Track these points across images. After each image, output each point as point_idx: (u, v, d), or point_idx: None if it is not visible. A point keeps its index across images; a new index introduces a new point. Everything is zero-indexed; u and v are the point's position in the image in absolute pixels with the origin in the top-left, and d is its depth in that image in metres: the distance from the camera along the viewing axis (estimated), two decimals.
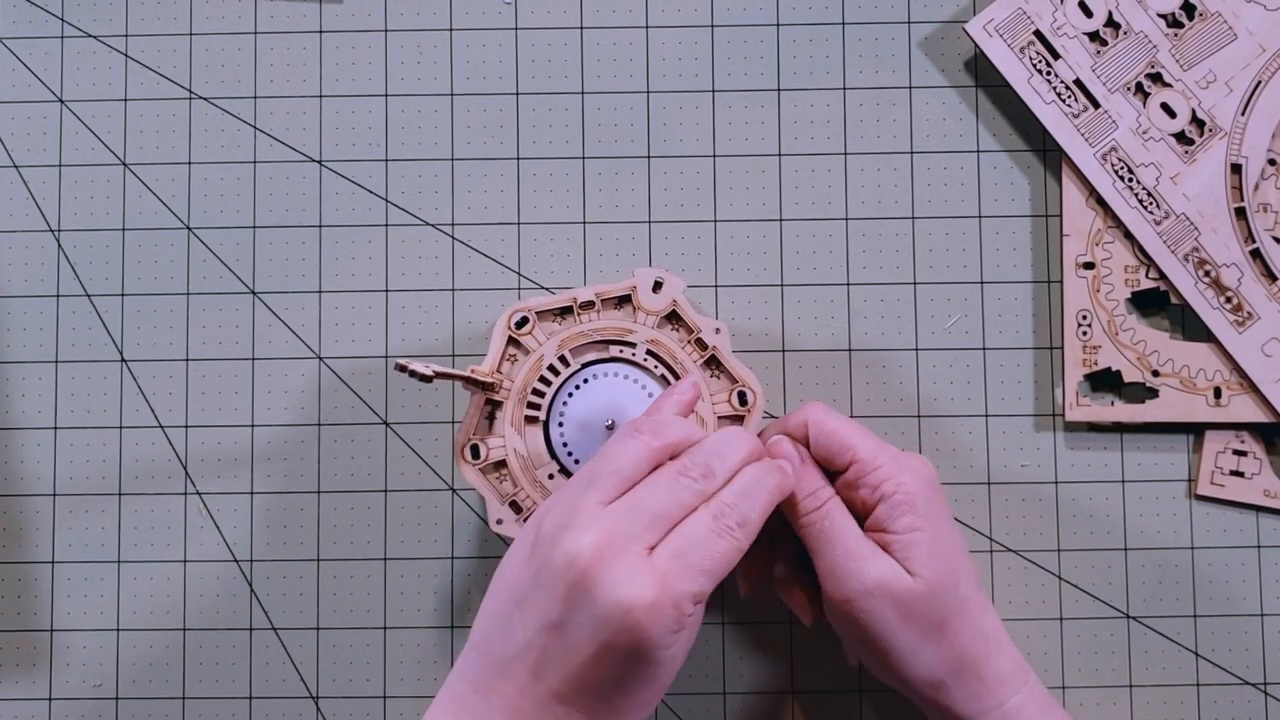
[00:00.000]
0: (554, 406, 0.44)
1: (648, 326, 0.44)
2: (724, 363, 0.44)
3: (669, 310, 0.44)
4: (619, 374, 0.44)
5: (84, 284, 0.52)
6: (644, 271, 0.45)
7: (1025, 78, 0.51)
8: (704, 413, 0.44)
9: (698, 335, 0.44)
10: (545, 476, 0.44)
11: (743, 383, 0.44)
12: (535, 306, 0.44)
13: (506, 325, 0.44)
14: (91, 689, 0.51)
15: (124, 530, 0.52)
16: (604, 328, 0.44)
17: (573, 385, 0.44)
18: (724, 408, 0.44)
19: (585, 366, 0.44)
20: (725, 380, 0.44)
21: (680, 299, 0.44)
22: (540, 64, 0.53)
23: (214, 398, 0.52)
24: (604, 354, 0.44)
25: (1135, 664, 0.51)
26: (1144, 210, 0.50)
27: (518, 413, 0.44)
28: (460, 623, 0.51)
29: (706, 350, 0.44)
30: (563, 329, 0.44)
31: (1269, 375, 0.50)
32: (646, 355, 0.44)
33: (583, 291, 0.44)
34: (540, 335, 0.44)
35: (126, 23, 0.53)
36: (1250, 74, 0.50)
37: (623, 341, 0.44)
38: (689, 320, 0.44)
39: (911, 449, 0.51)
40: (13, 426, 0.52)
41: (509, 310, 0.44)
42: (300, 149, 0.53)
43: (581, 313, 0.44)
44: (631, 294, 0.45)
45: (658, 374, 0.44)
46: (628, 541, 0.37)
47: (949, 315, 0.52)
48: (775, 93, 0.53)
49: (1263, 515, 0.51)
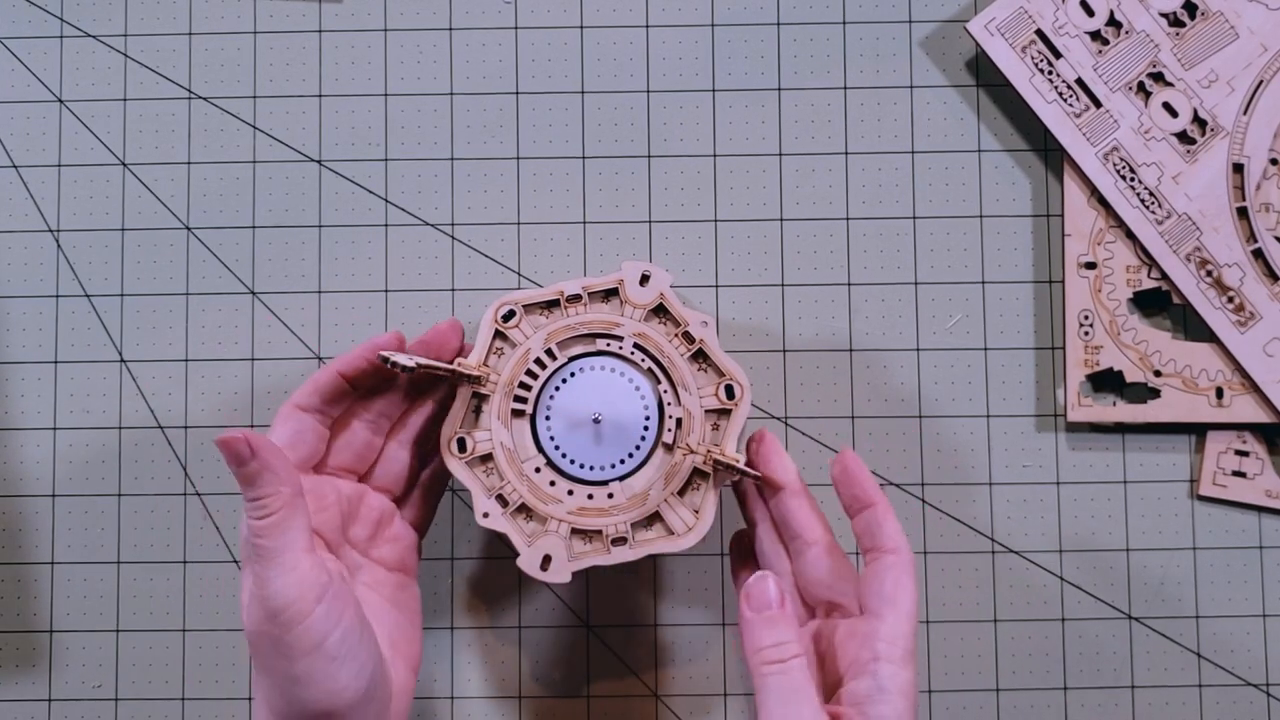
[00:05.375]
0: (540, 400, 0.44)
1: (635, 320, 0.44)
2: (711, 356, 0.44)
3: (656, 304, 0.44)
4: (606, 367, 0.44)
5: (83, 284, 0.52)
6: (631, 265, 0.45)
7: (1027, 77, 0.51)
8: (691, 406, 0.44)
9: (685, 328, 0.44)
10: (532, 470, 0.44)
11: (730, 376, 0.44)
12: (522, 300, 0.44)
13: (493, 318, 0.44)
14: (91, 689, 0.51)
15: (124, 530, 0.52)
16: (591, 321, 0.44)
17: (559, 379, 0.44)
18: (711, 401, 0.44)
19: (572, 360, 0.44)
20: (713, 374, 0.44)
21: (667, 292, 0.44)
22: (540, 64, 0.53)
23: (213, 398, 0.52)
24: (591, 347, 0.44)
25: (1137, 665, 0.50)
26: (1146, 210, 0.50)
27: (504, 406, 0.44)
28: (460, 624, 0.51)
29: (694, 343, 0.44)
30: (550, 322, 0.44)
31: (1271, 375, 0.50)
32: (634, 349, 0.44)
33: (569, 284, 0.44)
34: (527, 329, 0.44)
35: (126, 22, 0.53)
36: (1252, 73, 0.50)
37: (610, 335, 0.44)
38: (676, 313, 0.44)
39: (913, 449, 0.51)
40: (13, 427, 0.52)
41: (496, 303, 0.44)
42: (300, 149, 0.53)
43: (568, 306, 0.44)
44: (619, 287, 0.45)
45: (645, 367, 0.44)
46: None
47: (950, 315, 0.52)
48: (775, 92, 0.53)
49: (1265, 516, 0.51)
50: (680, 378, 0.44)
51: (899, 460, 0.51)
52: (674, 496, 0.43)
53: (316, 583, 0.38)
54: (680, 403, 0.44)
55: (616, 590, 0.51)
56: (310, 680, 0.38)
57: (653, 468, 0.44)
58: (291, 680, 0.38)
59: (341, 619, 0.38)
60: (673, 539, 0.43)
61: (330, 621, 0.38)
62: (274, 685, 0.38)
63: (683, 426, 0.44)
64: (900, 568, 0.40)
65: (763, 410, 0.51)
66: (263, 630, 0.37)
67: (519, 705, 0.51)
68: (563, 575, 0.43)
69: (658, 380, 0.44)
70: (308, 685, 0.38)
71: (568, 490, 0.44)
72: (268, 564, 0.37)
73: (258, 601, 0.38)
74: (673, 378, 0.44)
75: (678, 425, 0.44)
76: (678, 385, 0.44)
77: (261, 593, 0.37)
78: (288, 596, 0.37)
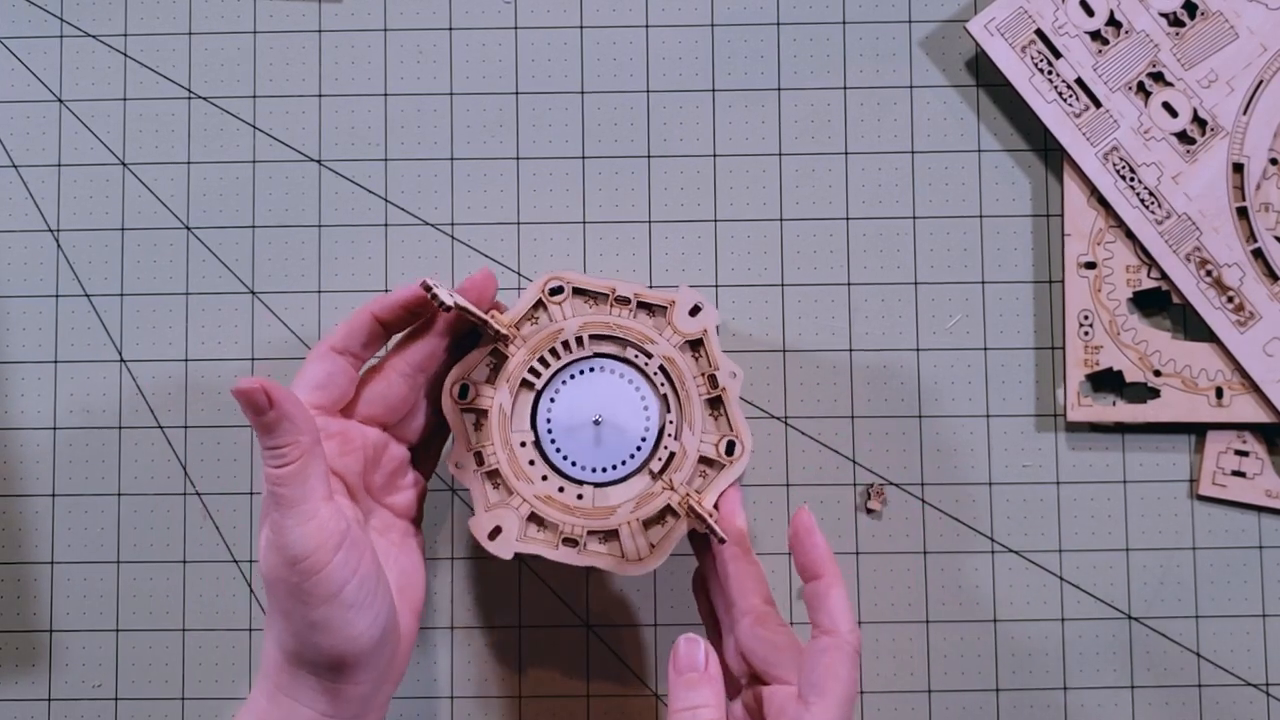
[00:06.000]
0: (553, 381, 0.44)
1: (670, 343, 0.44)
2: (727, 408, 0.44)
3: (696, 337, 0.44)
4: (625, 376, 0.44)
5: (83, 284, 0.52)
6: (688, 291, 0.44)
7: (1026, 77, 0.51)
8: (689, 446, 0.44)
9: (714, 371, 0.44)
10: (518, 443, 0.44)
11: (737, 434, 0.44)
12: (574, 281, 0.44)
13: (541, 288, 0.44)
14: (91, 689, 0.51)
15: (124, 530, 0.52)
16: (629, 328, 0.44)
17: (578, 368, 0.44)
18: (710, 450, 0.44)
19: (596, 356, 0.44)
20: (723, 425, 0.44)
21: (711, 331, 0.44)
22: (540, 64, 0.53)
23: (214, 398, 0.52)
24: (619, 351, 0.44)
25: (1137, 665, 0.50)
26: (1145, 210, 0.50)
27: (517, 373, 0.44)
28: (461, 623, 0.51)
29: (716, 388, 0.44)
30: (591, 313, 0.44)
31: (1271, 375, 0.50)
32: (658, 370, 0.44)
33: (624, 286, 0.44)
34: (568, 310, 0.44)
35: (125, 22, 0.53)
36: (1252, 73, 0.50)
37: (641, 349, 0.44)
38: (711, 354, 0.44)
39: (912, 449, 0.51)
40: (13, 427, 0.52)
41: (548, 275, 0.44)
42: (299, 149, 0.53)
43: (615, 305, 0.44)
44: (669, 307, 0.44)
45: (661, 391, 0.44)
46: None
47: (950, 315, 0.52)
48: (775, 92, 0.53)
49: (1264, 515, 0.51)
50: (690, 415, 0.44)
51: (899, 460, 0.51)
52: (638, 524, 0.43)
53: (335, 530, 0.38)
54: (680, 439, 0.44)
55: (616, 590, 0.51)
56: (327, 627, 0.38)
57: (631, 488, 0.44)
58: (309, 626, 0.38)
59: (359, 567, 0.38)
60: (620, 562, 0.43)
61: (348, 570, 0.38)
62: (289, 630, 0.38)
63: (674, 462, 0.44)
64: (836, 652, 0.38)
65: (763, 410, 0.51)
66: (280, 577, 0.38)
67: (519, 705, 0.51)
68: (506, 551, 0.43)
69: (668, 409, 0.44)
70: (325, 631, 0.38)
71: (542, 475, 0.44)
72: (286, 512, 0.37)
73: (276, 549, 0.38)
74: (684, 412, 0.44)
75: (669, 459, 0.44)
76: (685, 421, 0.44)
77: (280, 540, 0.37)
78: (306, 546, 0.37)
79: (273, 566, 0.38)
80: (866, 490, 0.51)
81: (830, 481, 0.51)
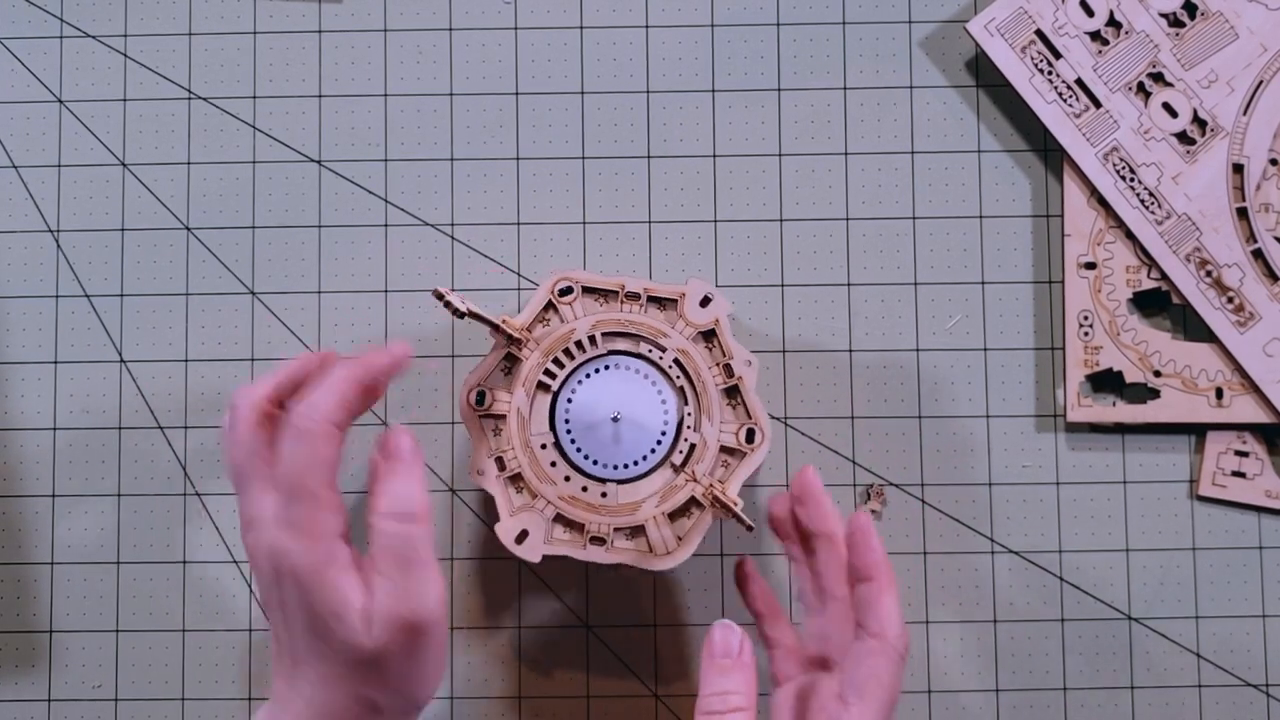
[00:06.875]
0: (569, 381, 0.44)
1: (683, 336, 0.44)
2: (745, 397, 0.44)
3: (709, 328, 0.44)
4: (640, 372, 0.44)
5: (83, 284, 0.52)
6: (697, 283, 0.44)
7: (1026, 77, 0.51)
8: (709, 436, 0.44)
9: (728, 360, 0.44)
10: (539, 445, 0.44)
11: (756, 421, 0.44)
12: (583, 280, 0.44)
13: (550, 289, 0.44)
14: (91, 689, 0.51)
15: (124, 530, 0.52)
16: (641, 323, 0.44)
17: (593, 367, 0.44)
18: (730, 439, 0.44)
19: (611, 354, 0.44)
20: (741, 414, 0.44)
21: (724, 320, 0.44)
22: (540, 64, 0.53)
23: (214, 398, 0.52)
24: (633, 347, 0.44)
25: (1137, 665, 0.50)
26: (1145, 210, 0.50)
27: (533, 376, 0.44)
28: (461, 623, 0.51)
29: (732, 378, 0.44)
30: (602, 311, 0.44)
31: (1271, 375, 0.50)
32: (673, 363, 0.44)
33: (632, 281, 0.44)
34: (579, 309, 0.44)
35: (125, 23, 0.53)
36: (1252, 74, 0.50)
37: (655, 343, 0.44)
38: (724, 344, 0.44)
39: (912, 450, 0.51)
40: (13, 427, 0.52)
41: (556, 275, 0.44)
42: (299, 149, 0.53)
43: (625, 302, 0.44)
44: (679, 300, 0.45)
45: (677, 384, 0.44)
46: None
47: (950, 315, 0.52)
48: (775, 92, 0.53)
49: (1264, 516, 0.51)
50: (708, 406, 0.44)
51: (899, 460, 0.51)
52: (664, 517, 0.43)
53: (443, 587, 0.38)
54: (700, 430, 0.44)
55: (616, 590, 0.51)
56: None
57: (653, 482, 0.44)
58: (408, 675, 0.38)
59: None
60: (649, 557, 0.43)
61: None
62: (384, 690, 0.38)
63: (695, 453, 0.44)
64: (881, 656, 0.39)
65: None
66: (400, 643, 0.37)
67: (519, 705, 0.51)
68: (534, 555, 0.43)
69: (685, 401, 0.44)
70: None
71: (565, 476, 0.44)
72: (421, 570, 0.37)
73: (391, 619, 0.37)
74: (701, 403, 0.44)
75: (690, 450, 0.44)
76: (703, 412, 0.44)
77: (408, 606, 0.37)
78: (436, 611, 0.37)
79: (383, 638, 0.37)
80: (866, 490, 0.51)
81: (830, 482, 0.51)
